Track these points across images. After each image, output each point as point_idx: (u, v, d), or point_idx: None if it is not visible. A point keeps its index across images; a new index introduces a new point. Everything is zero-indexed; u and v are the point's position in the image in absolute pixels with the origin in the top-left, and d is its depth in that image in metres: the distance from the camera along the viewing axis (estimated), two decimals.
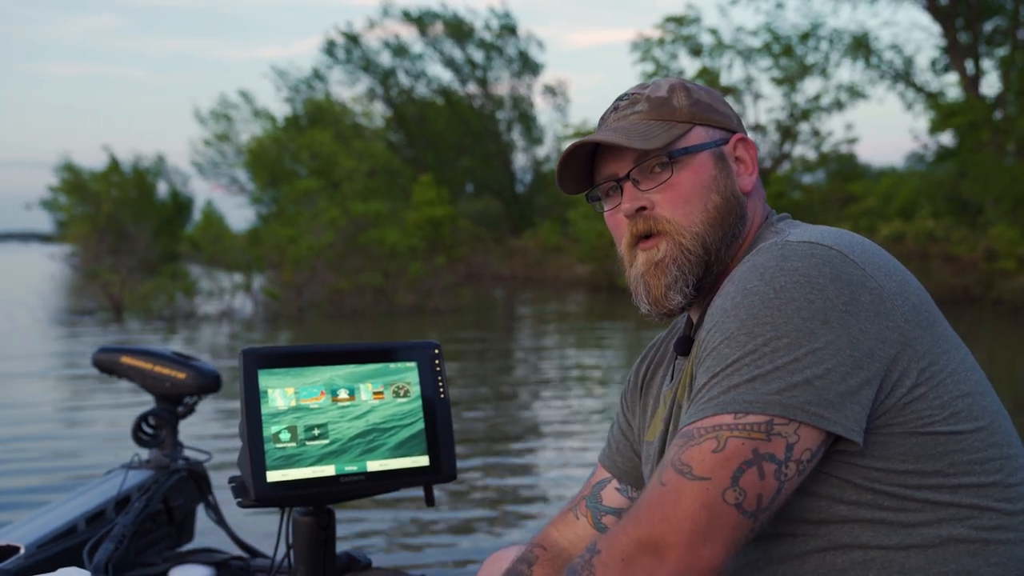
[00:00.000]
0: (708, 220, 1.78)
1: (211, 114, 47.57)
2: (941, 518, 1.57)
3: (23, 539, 2.54)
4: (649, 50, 33.95)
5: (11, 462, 7.79)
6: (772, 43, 32.78)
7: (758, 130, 33.32)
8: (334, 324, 20.87)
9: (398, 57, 44.92)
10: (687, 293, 1.78)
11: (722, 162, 1.82)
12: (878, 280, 1.59)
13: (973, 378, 1.65)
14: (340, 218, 24.21)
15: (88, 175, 52.61)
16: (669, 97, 1.84)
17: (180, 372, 2.95)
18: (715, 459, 1.48)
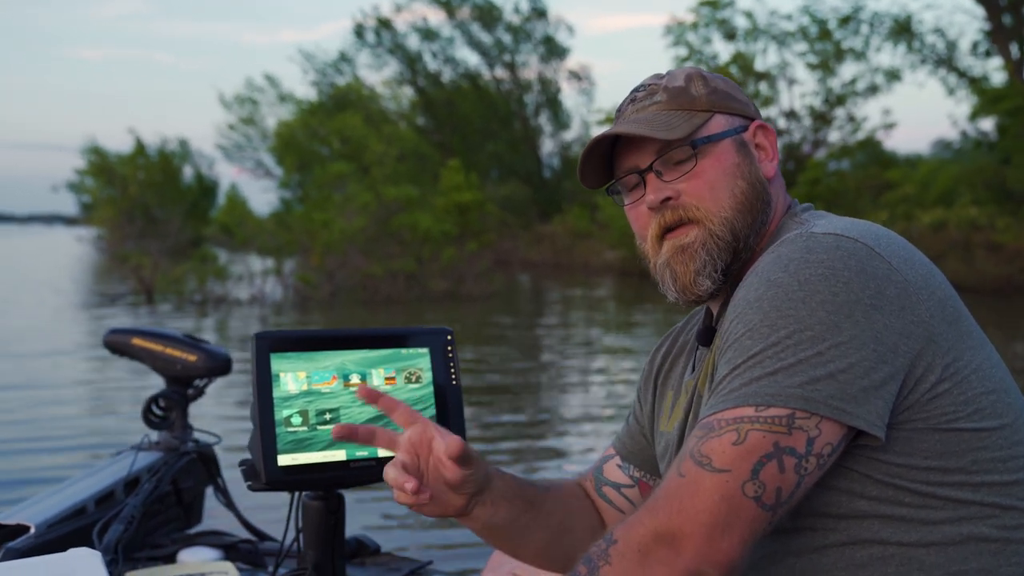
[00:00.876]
0: (736, 206, 1.78)
1: (236, 98, 47.76)
2: (963, 516, 1.57)
3: (33, 518, 2.57)
4: (682, 34, 33.79)
5: (46, 440, 7.97)
6: (809, 26, 32.56)
7: (791, 116, 33.12)
8: (367, 309, 20.91)
9: (426, 41, 44.94)
10: (716, 278, 1.78)
11: (744, 149, 1.82)
12: (904, 274, 1.58)
13: (998, 375, 1.64)
14: (372, 203, 24.27)
15: (114, 158, 53.03)
16: (687, 86, 1.84)
17: (191, 354, 2.97)
18: (735, 451, 1.48)
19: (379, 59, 44.92)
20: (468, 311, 20.57)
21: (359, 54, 45.77)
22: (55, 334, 15.75)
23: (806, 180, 29.53)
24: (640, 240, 1.87)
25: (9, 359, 12.79)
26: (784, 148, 32.90)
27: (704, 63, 33.54)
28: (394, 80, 43.51)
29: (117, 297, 23.06)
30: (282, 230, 25.00)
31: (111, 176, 53.16)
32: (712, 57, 33.70)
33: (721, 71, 32.49)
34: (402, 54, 44.86)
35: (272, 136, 44.05)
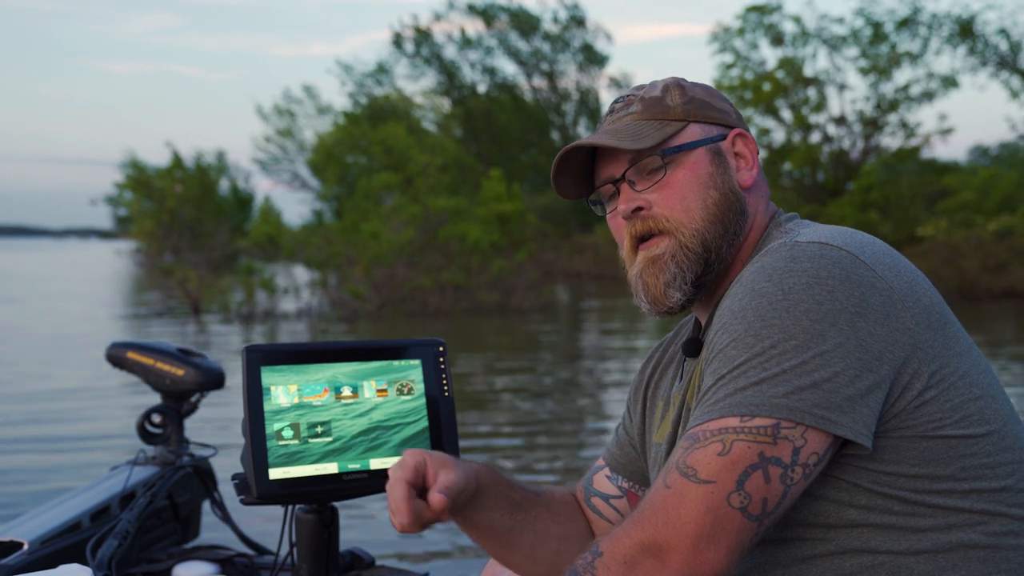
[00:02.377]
0: (708, 216, 1.81)
1: (274, 110, 48.11)
2: (951, 523, 1.59)
3: (27, 535, 2.60)
4: (728, 41, 33.65)
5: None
6: (862, 29, 32.31)
7: (841, 122, 32.86)
8: (418, 322, 20.96)
9: (464, 51, 45.08)
10: (686, 290, 1.81)
11: (719, 158, 1.85)
12: (888, 282, 1.61)
13: (985, 381, 1.67)
14: (420, 214, 24.36)
15: (152, 172, 53.64)
16: (663, 96, 1.88)
17: (179, 369, 3.02)
18: (720, 462, 1.51)
19: (417, 69, 45.12)
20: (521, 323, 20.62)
21: (397, 65, 45.91)
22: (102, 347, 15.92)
23: (859, 187, 29.33)
24: (620, 249, 1.91)
25: (62, 367, 13.02)
26: (833, 155, 32.65)
27: (751, 69, 33.40)
28: (433, 91, 43.66)
29: (164, 311, 23.27)
30: (327, 242, 25.12)
31: (149, 189, 53.77)
32: (760, 63, 33.53)
33: (768, 78, 32.39)
34: (439, 64, 45.01)
35: (309, 149, 44.41)
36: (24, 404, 10.65)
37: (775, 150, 33.15)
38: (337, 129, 34.52)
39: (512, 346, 17.21)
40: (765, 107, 32.88)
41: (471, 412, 10.25)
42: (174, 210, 51.08)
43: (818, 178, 32.43)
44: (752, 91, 32.62)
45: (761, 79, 32.68)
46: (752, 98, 32.65)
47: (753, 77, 33.07)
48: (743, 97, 32.93)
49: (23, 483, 7.25)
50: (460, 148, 35.56)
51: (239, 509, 2.69)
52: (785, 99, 32.86)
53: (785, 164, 33.07)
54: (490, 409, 10.65)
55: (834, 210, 29.22)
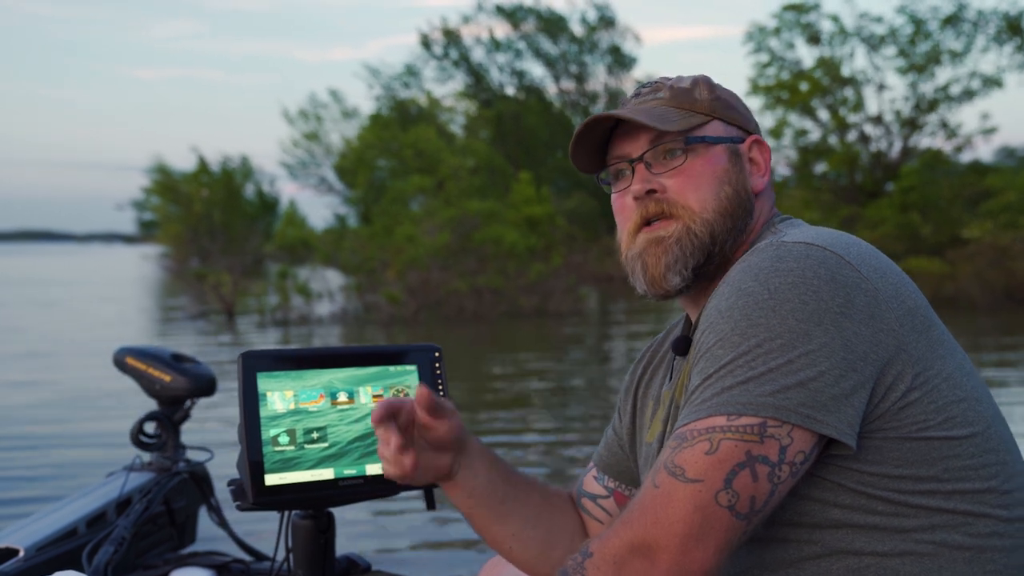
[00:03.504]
0: (719, 209, 1.84)
1: (300, 114, 48.35)
2: (936, 524, 1.61)
3: (23, 541, 2.64)
4: (764, 40, 33.51)
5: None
6: (902, 28, 32.10)
7: (878, 122, 32.67)
8: (455, 327, 21.02)
9: (492, 53, 45.19)
10: (685, 276, 1.84)
11: (736, 158, 1.89)
12: (873, 282, 1.64)
13: (969, 383, 1.69)
14: (456, 217, 24.41)
15: (179, 176, 54.08)
16: (692, 89, 1.92)
17: (167, 375, 3.06)
18: (708, 461, 1.54)
19: (444, 72, 45.25)
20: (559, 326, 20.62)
21: (425, 67, 46.02)
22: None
23: (899, 189, 29.16)
24: (619, 230, 1.94)
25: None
26: (871, 156, 32.46)
27: (787, 69, 33.24)
28: (462, 93, 43.73)
29: (198, 315, 23.44)
30: (360, 246, 25.20)
31: (176, 194, 54.20)
32: (795, 63, 33.38)
33: (806, 77, 32.23)
34: (467, 67, 45.11)
35: (336, 153, 44.59)
36: (29, 409, 10.78)
37: (810, 151, 32.99)
38: (367, 132, 34.60)
39: (549, 348, 17.26)
40: (802, 107, 32.73)
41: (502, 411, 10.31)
42: (200, 214, 51.43)
43: (855, 179, 32.23)
44: (789, 91, 32.47)
45: (798, 79, 32.53)
46: (789, 98, 32.50)
47: (789, 77, 32.91)
48: (779, 97, 32.79)
49: (19, 488, 7.35)
50: (491, 150, 35.62)
51: (236, 515, 2.72)
52: (822, 99, 32.70)
53: (819, 165, 32.88)
54: (524, 408, 10.71)
55: (873, 212, 29.06)
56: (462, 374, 13.74)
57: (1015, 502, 1.67)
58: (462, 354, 16.38)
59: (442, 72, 45.29)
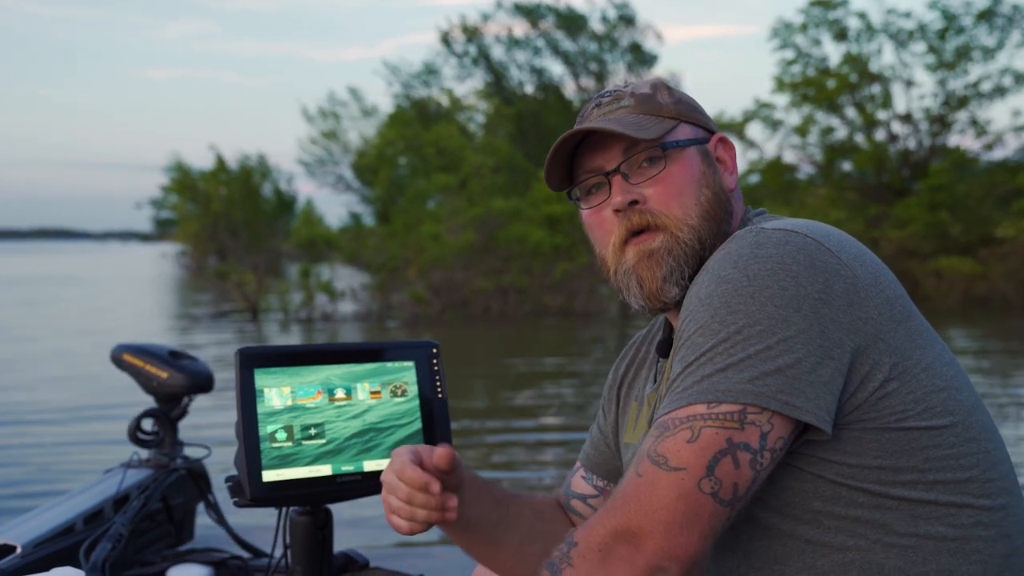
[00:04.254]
0: (703, 213, 1.86)
1: (319, 112, 48.42)
2: (918, 515, 1.64)
3: (20, 538, 2.68)
4: (789, 37, 33.37)
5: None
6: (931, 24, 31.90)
7: (906, 120, 32.47)
8: (479, 326, 21.02)
9: (511, 51, 45.14)
10: (683, 285, 1.85)
11: (708, 159, 1.91)
12: (853, 269, 1.66)
13: (949, 373, 1.71)
14: (480, 215, 24.42)
15: (197, 174, 54.34)
16: (653, 94, 1.93)
17: (164, 371, 3.09)
18: (690, 449, 1.57)
19: (464, 70, 45.22)
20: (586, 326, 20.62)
21: (444, 65, 45.96)
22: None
23: (928, 187, 29.01)
24: (600, 247, 1.93)
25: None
26: (898, 154, 32.27)
27: (812, 66, 33.10)
28: (482, 91, 43.66)
29: (221, 314, 23.54)
30: (383, 244, 25.23)
31: (194, 192, 54.45)
32: (822, 59, 33.22)
33: (834, 75, 32.08)
34: (487, 65, 45.05)
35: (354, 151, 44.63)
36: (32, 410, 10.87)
37: (835, 149, 32.84)
38: (388, 129, 34.59)
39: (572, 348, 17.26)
40: (828, 105, 32.59)
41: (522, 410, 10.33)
42: (219, 212, 51.65)
43: (882, 178, 32.05)
44: (815, 88, 32.34)
45: (824, 76, 32.39)
46: (815, 95, 32.36)
47: (815, 74, 32.77)
48: (806, 95, 32.67)
49: (16, 485, 7.41)
50: (513, 149, 35.59)
51: (233, 511, 2.75)
52: (851, 96, 32.55)
53: (845, 163, 32.72)
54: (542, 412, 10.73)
55: (901, 211, 28.92)
56: (485, 372, 13.78)
57: (997, 491, 1.70)
58: (488, 353, 16.42)
59: (461, 70, 45.27)
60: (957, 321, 21.86)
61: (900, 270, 27.22)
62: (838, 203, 29.60)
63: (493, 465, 8.25)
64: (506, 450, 8.86)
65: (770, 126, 33.22)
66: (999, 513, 1.69)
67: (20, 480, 7.56)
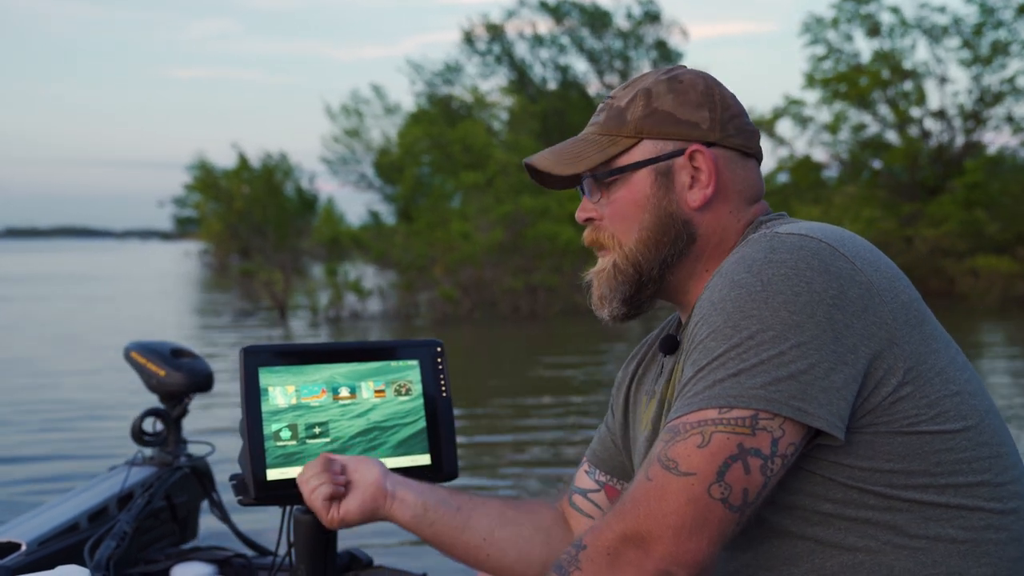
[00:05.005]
0: (641, 239, 1.90)
1: (342, 110, 48.58)
2: (929, 518, 1.66)
3: (25, 536, 2.71)
4: (821, 32, 33.25)
5: None
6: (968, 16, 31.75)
7: (940, 116, 32.31)
8: (509, 325, 21.13)
9: (535, 48, 45.14)
10: (615, 308, 1.95)
11: (664, 179, 1.90)
12: (867, 275, 1.68)
13: (963, 377, 1.73)
14: (510, 213, 24.45)
15: (220, 173, 54.69)
16: (626, 108, 1.93)
17: (162, 369, 3.13)
18: (700, 454, 1.59)
19: (487, 68, 45.24)
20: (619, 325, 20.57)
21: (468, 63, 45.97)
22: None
23: (963, 185, 28.88)
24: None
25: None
26: (932, 151, 32.09)
27: (844, 62, 32.99)
28: (507, 89, 43.66)
29: (249, 313, 23.66)
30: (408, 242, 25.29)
31: (217, 190, 54.77)
32: (853, 55, 33.12)
33: (867, 72, 31.91)
34: (510, 62, 45.05)
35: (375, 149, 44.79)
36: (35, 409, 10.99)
37: (867, 146, 32.70)
38: (413, 127, 34.64)
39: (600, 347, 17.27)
40: (861, 101, 32.46)
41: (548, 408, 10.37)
42: (241, 211, 51.94)
43: (915, 176, 31.87)
44: (847, 84, 32.21)
45: (856, 72, 32.25)
46: (847, 92, 32.24)
47: (847, 69, 32.64)
48: (837, 91, 32.56)
49: (22, 483, 7.48)
50: (537, 146, 35.59)
51: (238, 510, 2.78)
52: (883, 92, 32.41)
53: (875, 161, 32.56)
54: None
55: (936, 209, 28.81)
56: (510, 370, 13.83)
57: (1009, 495, 1.72)
58: (518, 352, 16.46)
59: (484, 68, 45.28)
60: (995, 319, 21.76)
61: (935, 269, 27.11)
62: (870, 201, 29.43)
63: (514, 463, 8.30)
64: (528, 449, 8.91)
65: (800, 123, 33.08)
66: (1010, 517, 1.71)
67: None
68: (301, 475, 2.04)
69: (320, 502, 2.00)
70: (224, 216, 53.85)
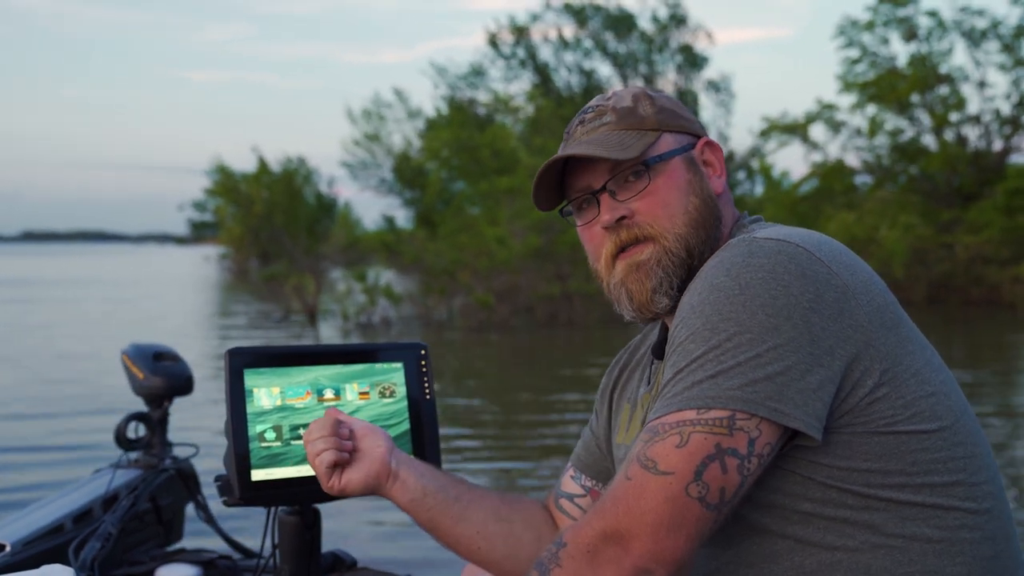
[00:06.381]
0: (690, 222, 1.95)
1: (364, 113, 48.77)
2: (905, 517, 1.72)
3: (9, 537, 2.79)
4: (856, 34, 33.15)
5: None
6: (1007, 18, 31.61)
7: (977, 121, 32.17)
8: (546, 332, 21.11)
9: (560, 52, 45.11)
10: (672, 295, 1.94)
11: (694, 166, 2.00)
12: (843, 279, 1.75)
13: (938, 378, 1.80)
14: (545, 219, 24.45)
15: (239, 177, 54.95)
16: (635, 106, 2.01)
17: (142, 372, 3.19)
18: (678, 454, 1.65)
19: (511, 71, 45.23)
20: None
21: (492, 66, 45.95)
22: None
23: (1005, 190, 28.73)
24: (593, 260, 2.04)
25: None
26: (969, 157, 31.91)
27: (879, 66, 32.88)
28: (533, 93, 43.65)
29: (281, 319, 23.80)
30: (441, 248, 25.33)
31: (237, 195, 55.03)
32: (889, 59, 33.02)
33: (902, 76, 31.79)
34: (533, 66, 45.02)
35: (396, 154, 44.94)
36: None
37: (904, 152, 32.56)
38: (441, 131, 34.67)
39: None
40: (898, 105, 32.35)
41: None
42: (260, 215, 52.17)
43: (952, 181, 31.70)
44: (884, 89, 32.08)
45: (892, 77, 32.13)
46: (885, 96, 32.10)
47: (882, 73, 32.53)
48: (873, 95, 32.45)
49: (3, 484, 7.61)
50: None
51: (223, 511, 2.84)
52: (922, 97, 32.29)
53: (912, 167, 32.41)
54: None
55: (976, 215, 28.68)
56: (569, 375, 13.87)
57: (983, 494, 1.78)
58: (568, 358, 16.49)
59: (508, 71, 45.28)
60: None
61: (976, 277, 26.97)
62: (907, 207, 29.29)
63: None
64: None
65: (832, 128, 32.98)
66: (984, 516, 1.77)
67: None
68: (308, 433, 2.05)
69: (323, 468, 2.03)
70: (244, 220, 54.12)
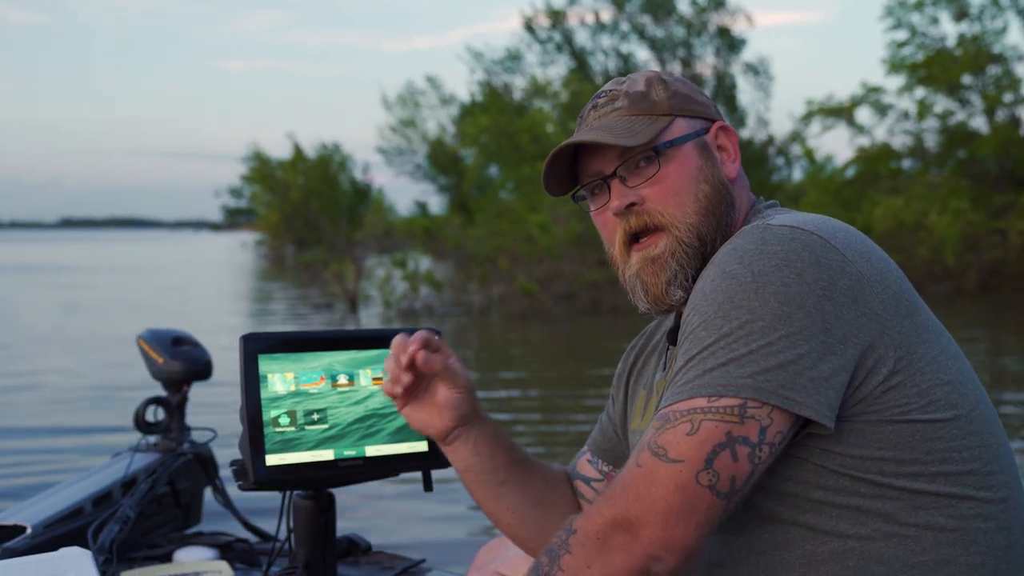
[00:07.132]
0: (701, 210, 1.97)
1: (398, 99, 48.89)
2: (919, 506, 1.74)
3: (30, 519, 2.87)
4: (905, 15, 32.82)
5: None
6: None
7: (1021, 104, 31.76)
8: (591, 319, 21.09)
9: (596, 36, 44.95)
10: (687, 287, 1.96)
11: (706, 152, 2.02)
12: (858, 266, 1.76)
13: (954, 367, 1.82)
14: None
15: (276, 164, 55.24)
16: (647, 91, 2.03)
17: (161, 357, 3.26)
18: (689, 442, 1.67)
19: (548, 56, 45.11)
20: None
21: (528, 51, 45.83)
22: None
23: None
24: (608, 247, 2.07)
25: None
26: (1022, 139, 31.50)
27: (927, 47, 32.55)
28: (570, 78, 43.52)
29: (322, 306, 23.91)
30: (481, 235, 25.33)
31: (273, 181, 55.28)
32: (939, 39, 32.68)
33: (952, 57, 31.45)
34: (570, 50, 44.87)
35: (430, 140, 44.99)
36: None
37: (953, 135, 32.22)
38: (480, 116, 34.61)
39: None
40: (949, 87, 32.01)
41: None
42: (296, 202, 52.42)
43: (1005, 166, 31.31)
44: (935, 70, 31.73)
45: (945, 57, 31.78)
46: (936, 77, 31.75)
47: (933, 54, 32.18)
48: (922, 77, 32.13)
49: (28, 466, 7.69)
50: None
51: (241, 495, 2.90)
52: (974, 78, 31.93)
53: (961, 151, 32.07)
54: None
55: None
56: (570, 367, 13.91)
57: (998, 483, 1.80)
58: (607, 345, 16.50)
59: (544, 56, 45.14)
60: None
61: None
62: (957, 192, 28.96)
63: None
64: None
65: (879, 111, 32.69)
66: (999, 505, 1.79)
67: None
68: (394, 347, 2.03)
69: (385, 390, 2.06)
70: (279, 207, 54.39)
